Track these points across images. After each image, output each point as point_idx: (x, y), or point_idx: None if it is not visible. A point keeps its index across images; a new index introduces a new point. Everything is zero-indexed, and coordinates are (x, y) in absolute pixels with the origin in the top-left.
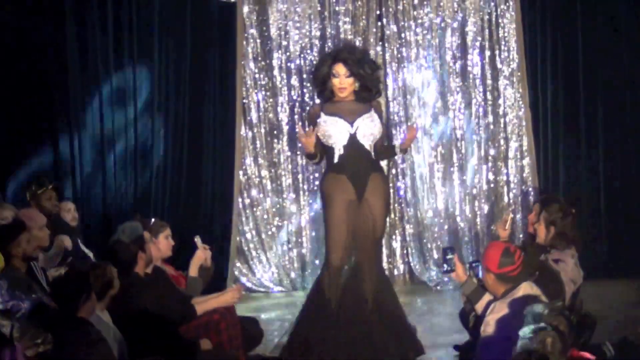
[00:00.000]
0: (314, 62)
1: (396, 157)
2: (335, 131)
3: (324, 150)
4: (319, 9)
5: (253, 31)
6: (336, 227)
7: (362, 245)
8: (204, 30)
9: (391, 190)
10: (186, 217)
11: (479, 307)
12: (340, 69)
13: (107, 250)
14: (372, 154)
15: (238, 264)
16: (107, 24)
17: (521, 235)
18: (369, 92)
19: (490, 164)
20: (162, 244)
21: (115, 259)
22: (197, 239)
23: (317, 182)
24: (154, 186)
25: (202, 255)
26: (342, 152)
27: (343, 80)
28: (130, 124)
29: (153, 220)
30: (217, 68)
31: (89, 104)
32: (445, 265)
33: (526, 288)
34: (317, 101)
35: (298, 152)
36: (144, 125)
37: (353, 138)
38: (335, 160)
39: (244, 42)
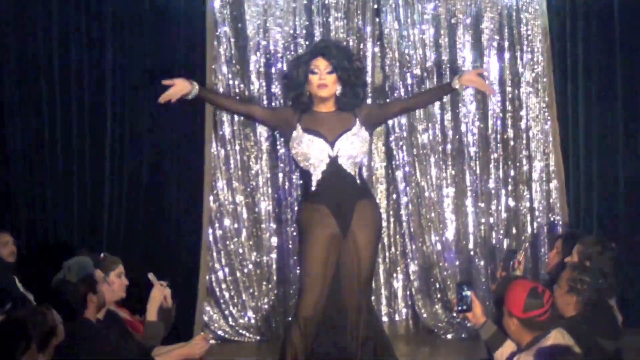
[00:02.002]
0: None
1: (397, 174)
2: (312, 153)
3: (301, 174)
4: (304, 2)
5: (226, 29)
6: (312, 269)
7: (347, 288)
8: (166, 27)
9: (392, 220)
10: (144, 251)
11: (499, 356)
12: (319, 62)
13: (51, 291)
14: (357, 179)
15: (208, 308)
16: (51, 22)
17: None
18: (354, 97)
19: (510, 188)
20: (114, 284)
21: (61, 302)
22: (151, 276)
23: None
24: (106, 213)
25: (159, 294)
26: (320, 177)
27: (323, 76)
28: (77, 137)
29: (103, 255)
30: (182, 73)
31: (25, 112)
32: (460, 304)
33: (557, 336)
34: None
35: (280, 172)
36: (94, 139)
37: (334, 162)
38: (313, 187)
39: (215, 42)
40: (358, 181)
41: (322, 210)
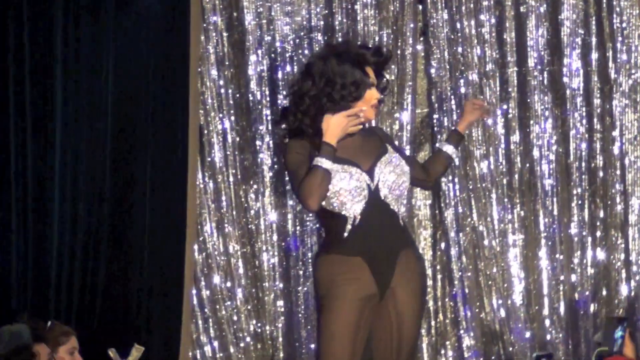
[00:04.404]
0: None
1: (446, 215)
2: (347, 187)
3: (325, 217)
4: None
5: (217, 19)
6: (338, 343)
7: None
8: (138, 17)
9: (439, 277)
10: (106, 319)
11: None
12: (372, 74)
13: None
14: (400, 218)
15: None
16: None
17: None
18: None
19: (599, 234)
20: None
21: None
22: (113, 353)
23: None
24: (55, 267)
25: None
26: (357, 219)
27: (377, 94)
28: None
29: (50, 323)
30: (158, 78)
31: None
32: None
33: None
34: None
35: (289, 212)
36: (39, 169)
37: (375, 195)
38: (346, 233)
39: (202, 37)
40: (401, 222)
41: (355, 264)
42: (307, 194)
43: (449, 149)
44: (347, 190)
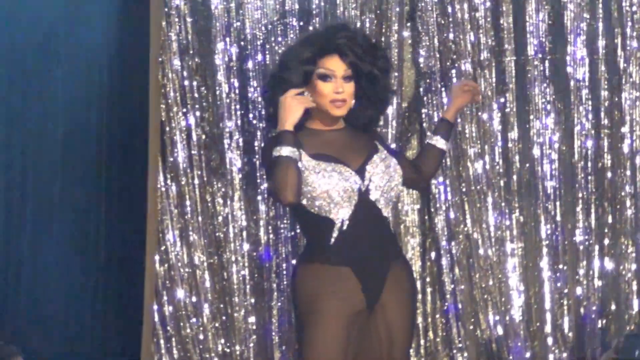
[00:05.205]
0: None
1: (436, 222)
2: (336, 188)
3: (307, 222)
4: None
5: (180, 3)
6: None
7: None
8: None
9: (429, 290)
10: (57, 338)
11: None
12: (335, 65)
13: None
14: (390, 225)
15: None
16: None
17: None
18: (373, 110)
19: (607, 242)
20: None
21: None
22: None
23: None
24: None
25: None
26: (345, 224)
27: (341, 85)
28: None
29: None
30: (114, 68)
31: None
32: None
33: None
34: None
35: (261, 218)
36: None
37: (364, 198)
38: (332, 240)
39: (164, 23)
40: (392, 230)
41: (342, 275)
42: (279, 188)
43: (439, 141)
44: (335, 191)
